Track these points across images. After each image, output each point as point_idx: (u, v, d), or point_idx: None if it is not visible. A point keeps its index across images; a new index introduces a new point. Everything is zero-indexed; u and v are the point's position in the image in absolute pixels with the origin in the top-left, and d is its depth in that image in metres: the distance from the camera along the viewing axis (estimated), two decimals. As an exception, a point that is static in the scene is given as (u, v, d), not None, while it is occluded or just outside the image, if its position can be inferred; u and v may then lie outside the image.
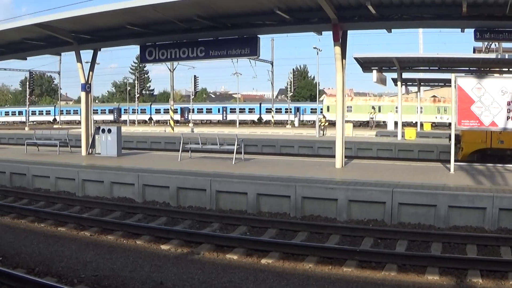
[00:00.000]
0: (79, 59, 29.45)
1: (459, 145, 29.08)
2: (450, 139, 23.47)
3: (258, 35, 24.63)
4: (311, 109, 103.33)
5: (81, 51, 29.53)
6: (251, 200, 17.89)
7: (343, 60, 22.54)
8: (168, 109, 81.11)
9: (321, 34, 25.06)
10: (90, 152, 29.73)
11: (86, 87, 29.57)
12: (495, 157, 28.39)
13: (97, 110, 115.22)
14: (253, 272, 11.86)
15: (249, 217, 16.89)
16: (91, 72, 30.04)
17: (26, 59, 36.70)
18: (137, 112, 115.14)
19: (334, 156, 23.39)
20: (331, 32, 22.42)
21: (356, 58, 38.15)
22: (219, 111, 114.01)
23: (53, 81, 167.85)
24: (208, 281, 11.28)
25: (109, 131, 28.46)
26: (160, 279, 11.32)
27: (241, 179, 18.68)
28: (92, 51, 30.31)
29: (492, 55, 45.15)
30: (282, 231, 15.49)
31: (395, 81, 44.25)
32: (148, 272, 11.89)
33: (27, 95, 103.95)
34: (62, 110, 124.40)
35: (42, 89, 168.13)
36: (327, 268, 12.15)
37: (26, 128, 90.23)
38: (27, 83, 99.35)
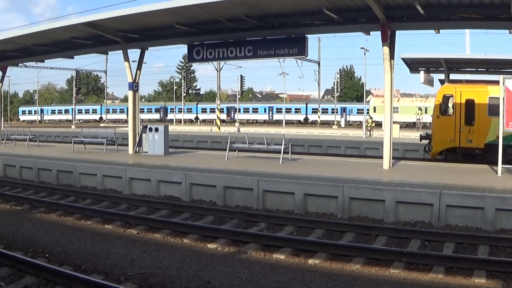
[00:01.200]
0: (126, 58, 29.68)
1: (430, 144, 31.12)
2: (421, 139, 27.22)
3: (306, 35, 24.61)
4: (358, 109, 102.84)
5: (128, 50, 29.82)
6: (298, 200, 17.87)
7: (391, 61, 22.38)
8: (214, 109, 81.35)
9: (369, 34, 24.90)
10: (137, 150, 30.00)
11: (134, 86, 29.76)
12: (464, 156, 29.66)
13: (143, 109, 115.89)
14: (300, 273, 11.85)
15: (296, 217, 16.87)
16: (138, 71, 30.23)
17: (73, 57, 36.95)
18: (183, 111, 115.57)
19: (381, 157, 23.24)
20: (379, 32, 22.30)
21: (403, 59, 37.75)
22: (265, 111, 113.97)
23: (100, 80, 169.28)
24: (255, 281, 11.29)
25: (157, 130, 28.65)
26: (207, 278, 11.35)
27: (289, 179, 18.66)
28: (139, 50, 30.54)
29: (542, 56, 44.59)
30: (329, 232, 15.45)
31: (442, 82, 43.72)
32: (195, 270, 11.94)
33: (74, 93, 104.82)
34: (108, 109, 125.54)
35: (89, 87, 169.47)
36: (374, 269, 12.09)
37: (73, 126, 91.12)
38: (74, 81, 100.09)
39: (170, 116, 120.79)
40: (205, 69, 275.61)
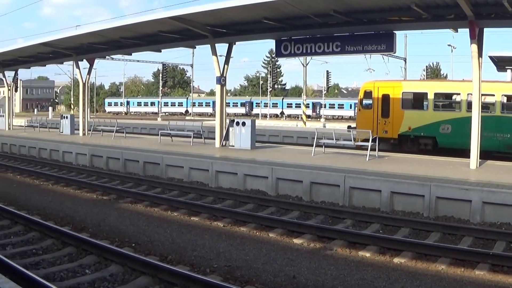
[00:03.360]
0: (214, 52, 29.90)
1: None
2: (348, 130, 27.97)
3: (393, 31, 24.38)
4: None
5: (215, 45, 30.03)
6: (385, 198, 17.73)
7: (480, 59, 21.95)
8: (300, 104, 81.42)
9: (457, 31, 24.51)
10: (223, 144, 30.17)
11: (221, 80, 29.93)
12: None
13: (229, 103, 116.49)
14: (386, 271, 11.80)
15: (382, 215, 16.76)
16: (226, 65, 30.40)
17: (160, 51, 37.34)
18: (269, 106, 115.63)
19: (468, 156, 22.87)
20: (466, 30, 21.93)
21: (491, 57, 37.11)
22: (351, 107, 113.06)
23: (186, 74, 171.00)
24: (340, 277, 11.28)
25: (244, 124, 28.83)
26: (293, 273, 11.39)
27: (375, 176, 18.56)
28: (226, 44, 30.70)
29: None
30: (415, 231, 15.30)
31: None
32: (280, 265, 12.00)
33: (160, 86, 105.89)
34: (194, 102, 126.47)
35: (175, 81, 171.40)
36: (459, 270, 11.93)
37: (159, 119, 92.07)
38: (160, 75, 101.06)
39: (255, 110, 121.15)
40: (290, 64, 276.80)
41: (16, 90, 55.73)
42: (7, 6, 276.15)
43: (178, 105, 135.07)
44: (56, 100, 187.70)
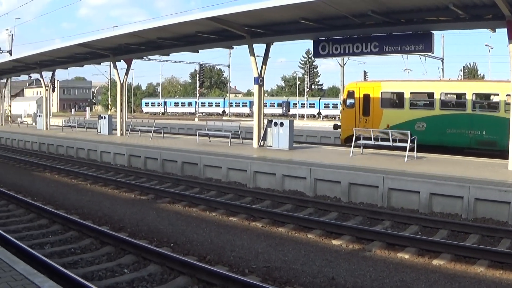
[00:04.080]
0: (252, 53, 29.88)
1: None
2: (334, 128, 31.76)
3: (431, 31, 24.24)
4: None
5: (253, 45, 29.99)
6: (423, 199, 17.58)
7: (517, 59, 21.74)
8: (337, 104, 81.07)
9: (495, 32, 24.28)
10: (261, 144, 30.18)
11: (259, 81, 29.89)
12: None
13: (266, 103, 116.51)
14: (425, 273, 11.72)
15: (420, 216, 16.58)
16: (264, 66, 30.33)
17: (198, 52, 37.44)
18: (306, 107, 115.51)
19: (507, 158, 22.62)
20: (504, 30, 21.70)
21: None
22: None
23: (223, 74, 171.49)
24: (379, 279, 11.23)
25: (281, 124, 28.78)
26: (332, 274, 11.36)
27: (414, 178, 18.40)
28: (263, 45, 30.62)
29: None
30: (454, 233, 15.15)
31: None
32: (319, 266, 11.98)
33: (197, 87, 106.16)
34: (231, 103, 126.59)
35: (212, 81, 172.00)
36: (498, 272, 11.78)
37: (196, 119, 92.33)
38: (197, 75, 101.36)
39: (292, 111, 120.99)
40: (328, 64, 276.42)
41: (53, 90, 56.25)
42: (45, 7, 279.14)
43: (215, 106, 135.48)
44: (93, 100, 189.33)
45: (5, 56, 73.01)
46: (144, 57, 54.56)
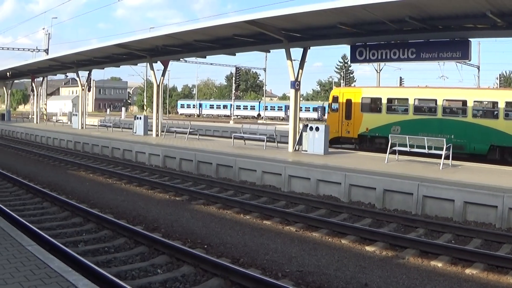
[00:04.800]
0: (289, 57, 29.89)
1: None
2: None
3: (468, 39, 24.14)
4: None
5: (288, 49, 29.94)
6: (458, 208, 17.44)
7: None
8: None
9: (532, 40, 24.18)
10: (296, 148, 30.15)
11: (296, 85, 29.92)
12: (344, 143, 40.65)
13: (301, 107, 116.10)
14: (457, 282, 11.66)
15: (454, 225, 16.48)
16: (300, 70, 30.35)
17: (235, 54, 37.61)
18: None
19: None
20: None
21: None
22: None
23: (258, 77, 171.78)
24: (412, 287, 11.23)
25: (317, 129, 28.72)
26: (365, 281, 11.38)
27: (449, 186, 18.24)
28: (300, 49, 30.69)
29: None
30: (487, 242, 15.04)
31: None
32: (352, 272, 11.98)
33: (233, 89, 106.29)
34: (267, 106, 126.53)
35: (247, 84, 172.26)
36: (532, 283, 11.69)
37: (231, 122, 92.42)
38: (233, 78, 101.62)
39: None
40: (363, 69, 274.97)
41: (89, 90, 56.88)
42: (82, 7, 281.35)
43: (250, 109, 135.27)
44: (129, 101, 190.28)
45: (41, 55, 73.91)
46: (180, 59, 54.93)
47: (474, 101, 34.39)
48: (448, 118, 34.98)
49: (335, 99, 41.87)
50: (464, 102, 34.91)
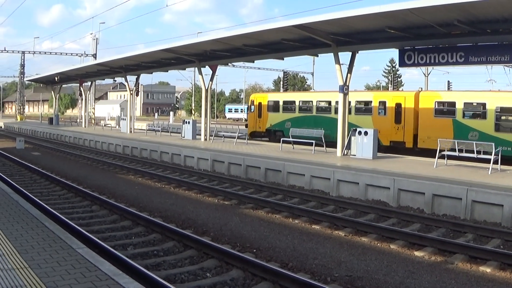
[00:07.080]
0: (337, 61, 29.90)
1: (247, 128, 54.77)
2: (245, 126, 50.78)
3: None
4: None
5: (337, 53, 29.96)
6: (507, 213, 17.25)
7: None
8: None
9: None
10: (345, 153, 30.13)
11: (344, 89, 29.92)
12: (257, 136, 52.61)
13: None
14: (506, 287, 11.61)
15: (503, 230, 16.35)
16: (349, 74, 30.38)
17: (283, 59, 37.84)
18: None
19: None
20: None
21: None
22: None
23: (306, 81, 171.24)
24: (461, 292, 11.19)
25: (366, 133, 28.62)
26: (414, 286, 11.38)
27: (498, 191, 18.04)
28: (348, 53, 30.71)
29: None
30: (536, 247, 14.94)
31: None
32: (402, 277, 11.98)
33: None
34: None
35: (295, 88, 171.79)
36: None
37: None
38: (281, 82, 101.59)
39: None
40: (411, 73, 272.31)
41: (137, 95, 57.52)
42: (129, 12, 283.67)
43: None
44: (177, 105, 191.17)
45: (89, 60, 74.82)
46: (228, 64, 55.32)
47: (336, 101, 39.26)
48: (319, 115, 46.20)
49: (252, 102, 54.31)
50: (329, 102, 46.13)
